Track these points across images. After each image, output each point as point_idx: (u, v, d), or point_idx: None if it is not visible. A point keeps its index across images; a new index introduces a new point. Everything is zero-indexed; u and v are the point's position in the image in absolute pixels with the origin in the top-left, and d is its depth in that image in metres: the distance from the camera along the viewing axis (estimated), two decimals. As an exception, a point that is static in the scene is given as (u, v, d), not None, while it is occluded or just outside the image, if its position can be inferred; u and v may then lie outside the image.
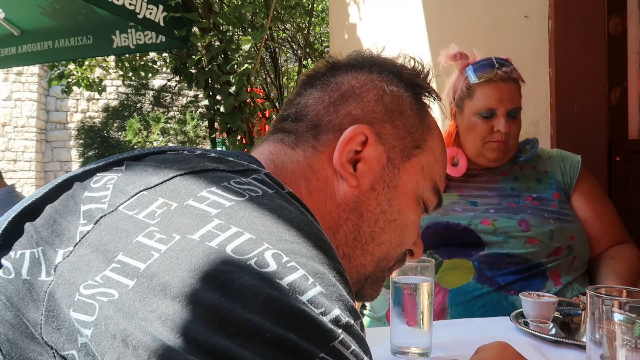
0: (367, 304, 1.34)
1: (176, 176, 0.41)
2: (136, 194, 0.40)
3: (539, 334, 0.89)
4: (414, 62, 0.66)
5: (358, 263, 0.59)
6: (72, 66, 4.88)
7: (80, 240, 0.38)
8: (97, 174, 0.44)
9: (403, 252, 0.64)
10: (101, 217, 0.38)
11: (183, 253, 0.34)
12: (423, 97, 0.64)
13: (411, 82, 0.63)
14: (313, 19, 5.25)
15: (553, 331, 0.92)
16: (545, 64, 1.83)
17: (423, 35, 2.12)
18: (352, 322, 0.35)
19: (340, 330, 0.33)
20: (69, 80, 4.85)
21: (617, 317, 0.62)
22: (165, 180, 0.41)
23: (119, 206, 0.39)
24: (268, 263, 0.34)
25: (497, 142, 1.30)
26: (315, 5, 5.24)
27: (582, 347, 0.78)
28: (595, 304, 0.66)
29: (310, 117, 0.59)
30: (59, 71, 4.80)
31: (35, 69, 8.53)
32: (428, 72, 0.66)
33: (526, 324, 0.94)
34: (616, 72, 1.74)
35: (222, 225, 0.36)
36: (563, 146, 1.63)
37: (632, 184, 1.70)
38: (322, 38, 6.34)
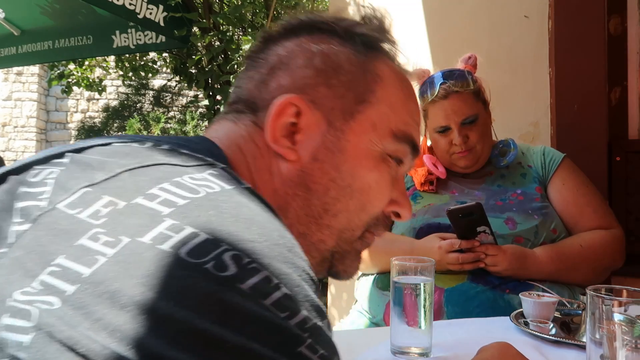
0: (363, 306, 1.34)
1: (124, 171, 0.38)
2: (78, 190, 0.36)
3: (539, 334, 0.89)
4: (367, 10, 0.60)
5: (316, 239, 0.55)
6: (72, 66, 4.88)
7: (15, 241, 0.34)
8: (35, 167, 0.40)
9: (383, 216, 0.59)
10: (39, 215, 0.35)
11: (132, 258, 0.31)
12: (370, 46, 0.58)
13: (348, 33, 0.57)
14: (313, 19, 5.25)
15: (553, 331, 0.92)
16: (545, 64, 1.83)
17: (423, 35, 2.13)
18: (319, 323, 0.33)
19: (306, 334, 0.32)
20: (69, 80, 4.85)
21: (617, 317, 0.62)
22: (112, 176, 0.37)
23: (59, 204, 0.35)
24: (227, 266, 0.31)
25: (461, 153, 1.36)
26: (315, 5, 5.24)
27: (582, 347, 0.78)
28: (595, 304, 0.66)
29: (245, 98, 0.57)
30: (59, 71, 4.81)
31: (35, 69, 8.53)
32: (382, 17, 0.60)
33: (526, 323, 0.94)
34: (616, 72, 1.74)
35: (176, 225, 0.33)
36: (563, 146, 1.64)
37: (632, 184, 1.70)
38: (322, 38, 6.33)
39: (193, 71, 3.62)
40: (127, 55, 4.53)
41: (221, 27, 3.62)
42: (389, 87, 0.57)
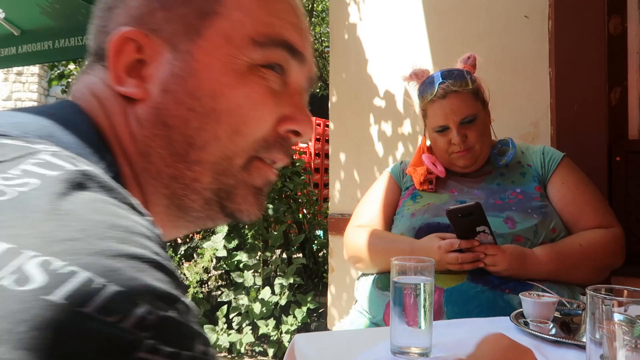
0: (363, 306, 1.34)
1: None
2: None
3: (539, 334, 0.89)
4: None
5: (188, 179, 0.48)
6: (72, 66, 4.89)
7: None
8: None
9: (277, 137, 0.51)
10: None
11: None
12: None
13: None
14: (313, 19, 5.25)
15: (553, 331, 0.92)
16: (545, 64, 1.83)
17: (423, 35, 2.12)
18: (165, 313, 0.29)
19: (146, 334, 0.27)
20: (69, 80, 4.85)
21: (617, 317, 0.62)
22: None
23: None
24: (32, 276, 0.26)
25: (459, 152, 1.36)
26: (315, 5, 5.23)
27: (582, 347, 0.78)
28: (595, 304, 0.66)
29: (94, 48, 0.52)
30: (59, 71, 4.81)
31: (35, 69, 8.54)
32: None
33: (526, 324, 0.94)
34: (616, 72, 1.74)
35: None
36: (563, 146, 1.63)
37: (632, 184, 1.70)
38: (322, 38, 6.34)
39: (193, 71, 3.62)
40: (127, 55, 4.52)
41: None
42: None
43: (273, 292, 3.13)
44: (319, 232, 4.40)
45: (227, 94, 0.48)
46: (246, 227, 3.28)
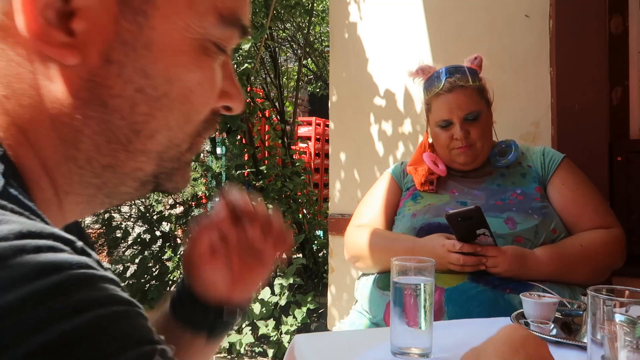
0: (363, 307, 1.34)
1: None
2: None
3: (539, 334, 0.88)
4: None
5: (129, 169, 0.40)
6: None
7: None
8: None
9: (213, 114, 0.45)
10: None
11: None
12: None
13: None
14: (313, 18, 5.25)
15: (554, 332, 0.92)
16: (546, 64, 1.83)
17: (424, 34, 2.12)
18: (65, 326, 0.25)
19: None
20: None
21: (619, 317, 0.62)
22: None
23: None
24: None
25: (461, 148, 1.37)
26: (315, 4, 5.24)
27: (584, 348, 0.78)
28: (597, 305, 0.65)
29: None
30: None
31: None
32: None
33: (527, 324, 0.93)
34: (617, 72, 1.74)
35: None
36: (564, 146, 1.63)
37: (633, 184, 1.69)
38: (322, 37, 6.34)
39: (193, 71, 3.62)
40: (127, 55, 4.51)
41: (221, 27, 3.61)
42: None
43: (273, 293, 3.12)
44: (319, 232, 4.40)
45: (182, 77, 0.39)
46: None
